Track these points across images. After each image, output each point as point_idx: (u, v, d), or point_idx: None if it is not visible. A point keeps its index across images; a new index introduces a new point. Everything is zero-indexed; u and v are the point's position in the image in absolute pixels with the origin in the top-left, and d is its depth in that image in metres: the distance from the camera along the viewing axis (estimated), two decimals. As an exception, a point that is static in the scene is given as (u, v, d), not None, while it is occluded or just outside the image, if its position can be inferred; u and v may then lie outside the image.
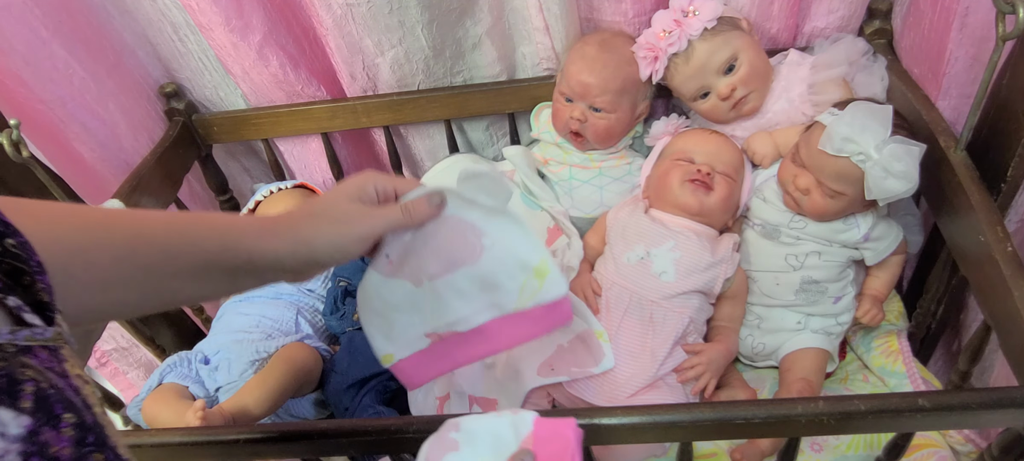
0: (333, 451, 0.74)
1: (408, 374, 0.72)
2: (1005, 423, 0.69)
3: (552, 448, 0.56)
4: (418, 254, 0.67)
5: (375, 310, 0.70)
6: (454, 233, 0.67)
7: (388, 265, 0.68)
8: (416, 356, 0.71)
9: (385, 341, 0.71)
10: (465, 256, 0.67)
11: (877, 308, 1.00)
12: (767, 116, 1.04)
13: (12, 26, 0.97)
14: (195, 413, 0.88)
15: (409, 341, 0.71)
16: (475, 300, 0.69)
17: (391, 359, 0.71)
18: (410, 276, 0.68)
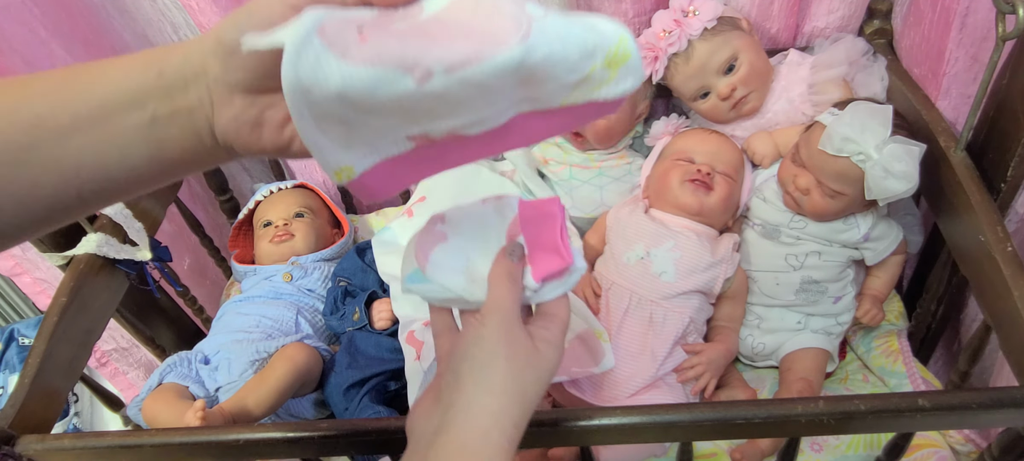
0: (333, 451, 0.74)
1: (371, 186, 0.46)
2: (1005, 423, 0.69)
3: (540, 228, 0.54)
4: (417, 30, 0.41)
5: (329, 113, 0.41)
6: (484, 5, 0.42)
7: (359, 42, 0.40)
8: (388, 163, 0.45)
9: (341, 150, 0.44)
10: (500, 34, 0.41)
11: (877, 308, 1.00)
12: (767, 116, 1.04)
13: (12, 26, 0.97)
14: (195, 413, 0.88)
15: (379, 146, 0.44)
16: (506, 97, 0.43)
17: (349, 173, 0.45)
18: (400, 64, 0.40)
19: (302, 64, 0.38)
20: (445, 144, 0.45)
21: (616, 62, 0.44)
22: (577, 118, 0.46)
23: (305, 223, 1.23)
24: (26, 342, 1.67)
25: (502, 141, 0.46)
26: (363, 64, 0.39)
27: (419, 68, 0.39)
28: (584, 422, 0.66)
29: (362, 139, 0.44)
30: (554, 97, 0.44)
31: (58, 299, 0.90)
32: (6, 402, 0.81)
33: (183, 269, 1.30)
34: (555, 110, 0.45)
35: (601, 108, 0.46)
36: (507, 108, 0.44)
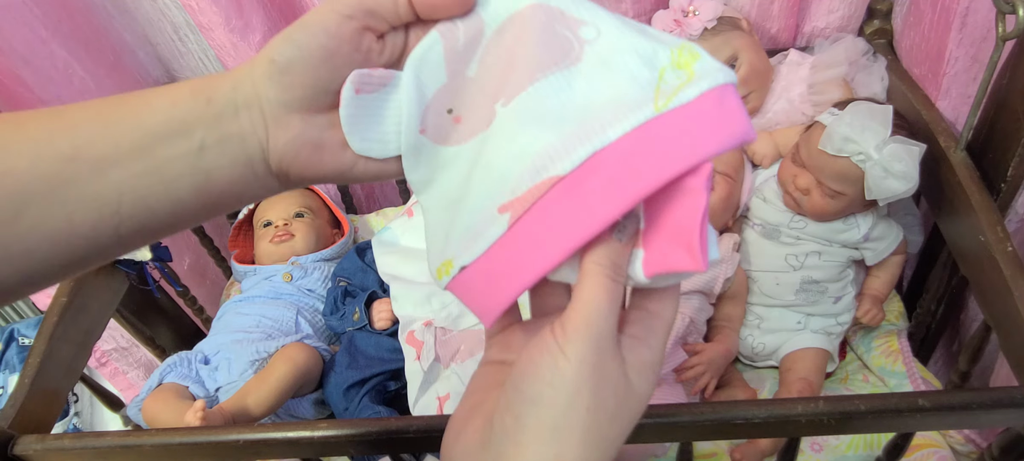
0: (333, 451, 0.74)
1: (480, 288, 0.38)
2: (1005, 423, 0.69)
3: (671, 202, 0.36)
4: (492, 79, 0.40)
5: (446, 204, 0.41)
6: (532, 26, 0.39)
7: (456, 124, 0.41)
8: (490, 254, 0.38)
9: (444, 243, 0.40)
10: (553, 55, 0.39)
11: (877, 308, 1.00)
12: (767, 116, 1.04)
13: (12, 26, 0.97)
14: (195, 413, 0.88)
15: (476, 229, 0.39)
16: (574, 114, 0.38)
17: (449, 268, 0.39)
18: (474, 120, 0.40)
19: (420, 166, 0.41)
20: (542, 208, 0.37)
21: (685, 62, 0.38)
22: (692, 137, 0.35)
23: (305, 223, 1.23)
24: (26, 342, 1.67)
25: (612, 190, 0.35)
26: (463, 141, 0.41)
27: (483, 115, 0.40)
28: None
29: (463, 222, 0.40)
30: (636, 110, 0.37)
31: (58, 299, 0.90)
32: (6, 402, 0.81)
33: (183, 269, 1.30)
34: (649, 126, 0.36)
35: (712, 107, 0.36)
36: (588, 129, 0.37)
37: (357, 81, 0.39)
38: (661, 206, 0.35)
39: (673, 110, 0.36)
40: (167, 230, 0.41)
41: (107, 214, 0.38)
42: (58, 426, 1.49)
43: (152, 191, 0.39)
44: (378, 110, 0.40)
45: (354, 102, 0.39)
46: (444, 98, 0.41)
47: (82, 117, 0.39)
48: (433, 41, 0.40)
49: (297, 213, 1.23)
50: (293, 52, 0.38)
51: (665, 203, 0.35)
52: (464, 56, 0.40)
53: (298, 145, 0.40)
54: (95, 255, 0.39)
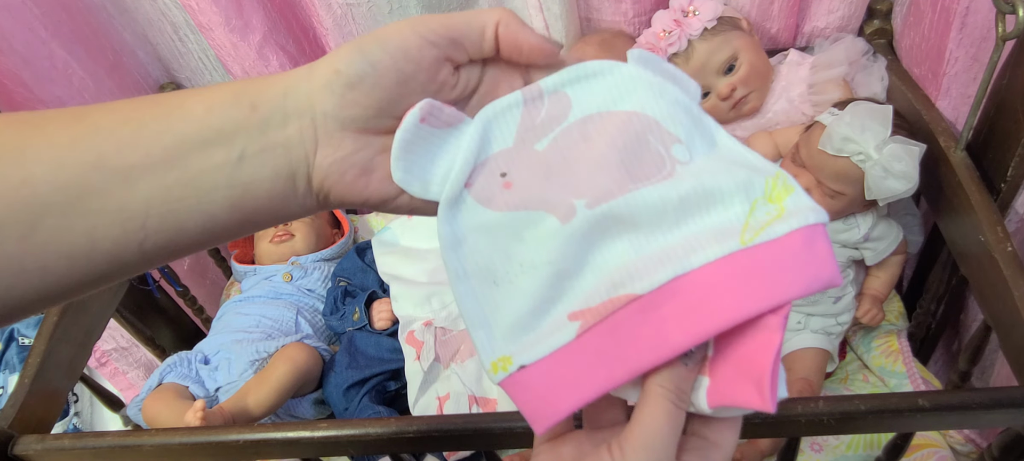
0: (333, 451, 0.74)
1: (537, 392, 0.36)
2: (1005, 423, 0.69)
3: (744, 334, 0.35)
4: (562, 163, 0.38)
5: (481, 275, 0.38)
6: (625, 132, 0.38)
7: (505, 190, 0.38)
8: (553, 358, 0.36)
9: (494, 333, 0.38)
10: (646, 169, 0.37)
11: (877, 308, 1.00)
12: (767, 116, 1.04)
13: (12, 26, 0.97)
14: (195, 413, 0.88)
15: (540, 329, 0.37)
16: (661, 235, 0.36)
17: (507, 365, 0.37)
18: (545, 205, 0.37)
19: (456, 220, 0.38)
20: (613, 324, 0.36)
21: (778, 195, 0.36)
22: (777, 275, 0.34)
23: (305, 223, 1.23)
24: (26, 342, 1.66)
25: (688, 321, 0.34)
26: (507, 209, 0.37)
27: (562, 205, 0.36)
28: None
29: (519, 315, 0.37)
30: (724, 238, 0.35)
31: (58, 299, 0.90)
32: (6, 402, 0.81)
33: (183, 269, 1.30)
34: (734, 257, 0.35)
35: (800, 247, 0.35)
36: (672, 253, 0.35)
37: (426, 110, 0.37)
38: (734, 338, 0.34)
39: (760, 245, 0.35)
40: (194, 247, 0.37)
41: (132, 229, 0.34)
42: (58, 426, 1.49)
43: (183, 204, 0.35)
44: (434, 148, 0.38)
45: (415, 129, 0.37)
46: (502, 161, 0.39)
47: (109, 121, 0.35)
48: (514, 102, 0.39)
49: (297, 213, 1.24)
50: (365, 68, 0.35)
51: (738, 335, 0.34)
52: (540, 129, 0.39)
53: (346, 166, 0.37)
54: (116, 272, 0.36)
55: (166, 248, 0.36)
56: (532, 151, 0.38)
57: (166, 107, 0.36)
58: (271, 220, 0.38)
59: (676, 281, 0.35)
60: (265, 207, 0.37)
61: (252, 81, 0.37)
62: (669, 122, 0.38)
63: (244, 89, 0.36)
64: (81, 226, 0.33)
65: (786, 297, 0.33)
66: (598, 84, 0.39)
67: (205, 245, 0.38)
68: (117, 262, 0.35)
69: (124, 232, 0.34)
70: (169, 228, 0.35)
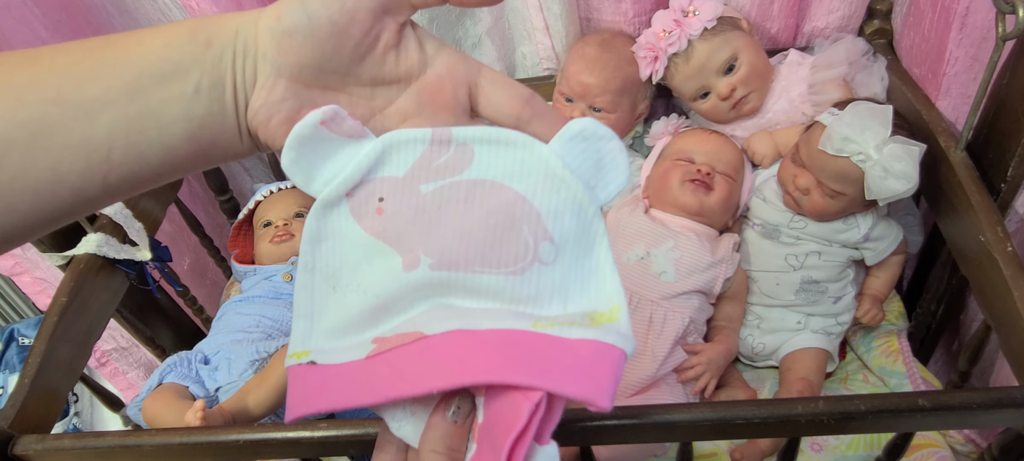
0: (333, 451, 0.74)
1: (307, 388, 0.40)
2: (1005, 423, 0.69)
3: (505, 405, 0.36)
4: (434, 213, 0.39)
5: (325, 276, 0.41)
6: (504, 212, 0.39)
7: (376, 214, 0.40)
8: (342, 367, 0.39)
9: (309, 327, 0.41)
10: (503, 256, 0.39)
11: (877, 308, 1.00)
12: (767, 116, 1.04)
13: (12, 26, 0.97)
14: (195, 413, 0.88)
15: (344, 341, 0.41)
16: (482, 305, 0.39)
17: (303, 357, 0.41)
18: (400, 245, 0.39)
19: (326, 219, 0.40)
20: (399, 354, 0.38)
21: (600, 319, 0.38)
22: (533, 360, 0.35)
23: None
24: (26, 342, 1.67)
25: (455, 367, 0.36)
26: (370, 233, 0.39)
27: (412, 254, 0.39)
28: (584, 422, 0.66)
29: (335, 323, 0.41)
30: (518, 320, 0.38)
31: (58, 299, 0.90)
32: (6, 402, 0.81)
33: (183, 269, 1.30)
34: (523, 334, 0.37)
35: (591, 356, 0.35)
36: (479, 316, 0.38)
37: (329, 115, 0.38)
38: (495, 409, 0.35)
39: (547, 335, 0.36)
40: (155, 180, 0.38)
41: (96, 161, 0.35)
42: (58, 426, 1.49)
43: (145, 136, 0.36)
44: (327, 150, 0.39)
45: (313, 128, 0.38)
46: (386, 187, 0.40)
47: (67, 59, 0.35)
48: (421, 138, 0.39)
49: (297, 213, 1.23)
50: (301, 18, 0.36)
51: (498, 407, 0.35)
52: (433, 173, 0.39)
53: (273, 110, 0.38)
54: (81, 207, 0.37)
55: (129, 180, 0.37)
56: (416, 190, 0.39)
57: (124, 45, 0.36)
58: (225, 155, 0.40)
59: (458, 332, 0.37)
60: (219, 140, 0.38)
61: (208, 18, 0.38)
62: (551, 220, 0.39)
63: (200, 25, 0.37)
64: (45, 161, 0.34)
65: (543, 385, 0.33)
66: (505, 154, 0.39)
67: (165, 177, 0.39)
68: (82, 196, 0.36)
69: (88, 165, 0.35)
70: (132, 160, 0.36)
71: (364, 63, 0.38)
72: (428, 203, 0.39)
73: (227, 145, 0.39)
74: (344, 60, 0.37)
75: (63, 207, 0.36)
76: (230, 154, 0.40)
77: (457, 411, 0.36)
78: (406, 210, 0.39)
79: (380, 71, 0.39)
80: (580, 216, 0.39)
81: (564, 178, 0.39)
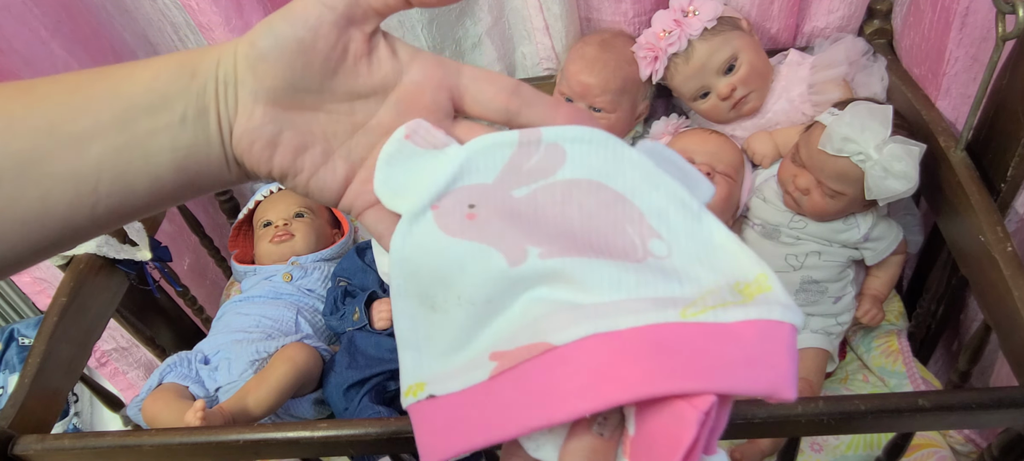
0: (333, 451, 0.74)
1: (437, 425, 0.35)
2: (1005, 423, 0.69)
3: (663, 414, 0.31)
4: (532, 215, 0.36)
5: (421, 297, 0.38)
6: (606, 212, 0.36)
7: (467, 220, 0.37)
8: (465, 394, 0.35)
9: (423, 357, 0.37)
10: (611, 246, 0.35)
11: (877, 308, 1.00)
12: (767, 116, 1.04)
13: (12, 26, 0.97)
14: (195, 413, 0.88)
15: (461, 363, 0.36)
16: (611, 298, 0.33)
17: (419, 391, 0.36)
18: (501, 243, 0.36)
19: (411, 235, 0.37)
20: (524, 371, 0.33)
21: (750, 291, 0.33)
22: (696, 357, 0.30)
23: (305, 223, 1.23)
24: (26, 342, 1.67)
25: (589, 376, 0.31)
26: (462, 238, 0.36)
27: (516, 249, 0.35)
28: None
29: (443, 345, 0.37)
30: (666, 304, 0.32)
31: (58, 299, 0.90)
32: (6, 402, 0.81)
33: (183, 269, 1.30)
34: (667, 327, 0.31)
35: (757, 337, 0.30)
36: (596, 314, 0.33)
37: (412, 128, 0.38)
38: (653, 420, 0.30)
39: (701, 323, 0.31)
40: (143, 211, 0.39)
41: (85, 192, 0.36)
42: (58, 426, 1.49)
43: (132, 167, 0.36)
44: (414, 165, 0.38)
45: (399, 144, 0.38)
46: (475, 193, 0.37)
47: (57, 90, 0.36)
48: (509, 141, 0.37)
49: (297, 213, 1.23)
50: (270, 41, 0.37)
51: (656, 418, 0.30)
52: (525, 176, 0.37)
53: (255, 136, 0.38)
54: (68, 238, 0.37)
55: (117, 211, 0.37)
56: (508, 195, 0.37)
57: (115, 77, 0.37)
58: (213, 184, 0.40)
59: (594, 338, 0.31)
60: (205, 169, 0.39)
61: (193, 50, 0.39)
62: (655, 217, 0.35)
63: (187, 57, 0.38)
64: (34, 192, 0.34)
65: (707, 387, 0.29)
66: (597, 152, 0.37)
67: (153, 207, 0.39)
68: (69, 226, 0.36)
69: (77, 195, 0.35)
70: (119, 190, 0.37)
71: (337, 77, 0.38)
72: (523, 206, 0.36)
73: (214, 174, 0.39)
74: (315, 77, 0.37)
75: (51, 238, 0.36)
76: (218, 182, 0.40)
77: (603, 423, 0.32)
78: (501, 215, 0.36)
79: (354, 84, 0.39)
80: (686, 212, 0.35)
81: (659, 177, 0.35)
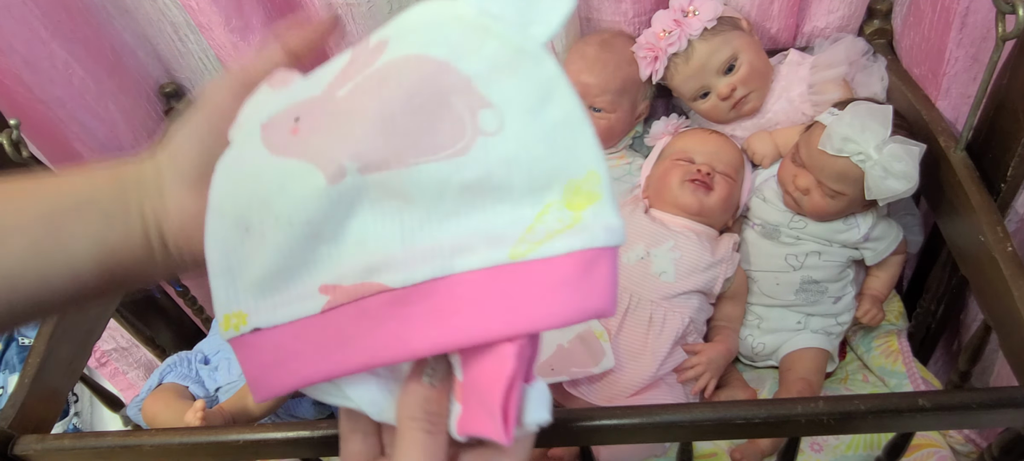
0: (333, 451, 0.74)
1: (266, 359, 0.36)
2: (1005, 423, 0.69)
3: (484, 360, 0.32)
4: (350, 112, 0.34)
5: (235, 218, 0.35)
6: (428, 86, 0.32)
7: (291, 134, 0.35)
8: (295, 325, 0.35)
9: (237, 284, 0.36)
10: (438, 138, 0.32)
11: (877, 308, 1.00)
12: (767, 116, 1.04)
13: (12, 26, 0.97)
14: (195, 413, 0.88)
15: (284, 293, 0.35)
16: (433, 225, 0.33)
17: (241, 323, 0.36)
18: (319, 158, 0.33)
19: (236, 153, 0.36)
20: (361, 311, 0.33)
21: (579, 201, 0.32)
22: (538, 297, 0.31)
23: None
24: (26, 342, 1.66)
25: (430, 329, 0.32)
26: (281, 154, 0.34)
27: (333, 164, 0.32)
28: (584, 422, 0.66)
29: (264, 272, 0.35)
30: (497, 244, 0.32)
31: (58, 299, 0.90)
32: (6, 402, 0.81)
33: (183, 269, 1.30)
34: (500, 269, 0.32)
35: (576, 272, 0.31)
36: (444, 248, 0.32)
37: (274, 76, 0.38)
38: (477, 362, 0.32)
39: (528, 262, 0.31)
40: (60, 307, 0.40)
41: (2, 288, 0.37)
42: (58, 426, 1.49)
43: (54, 262, 0.37)
44: (266, 98, 0.38)
45: (261, 91, 0.38)
46: (304, 107, 0.35)
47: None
48: (344, 56, 0.36)
49: (297, 213, 1.23)
50: (182, 127, 0.39)
51: (480, 360, 0.32)
52: (349, 74, 0.35)
53: (186, 218, 0.39)
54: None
55: (36, 306, 0.38)
56: (332, 98, 0.35)
57: (50, 180, 0.40)
58: (138, 281, 0.41)
59: (433, 283, 0.32)
60: (131, 269, 0.40)
61: (126, 159, 0.42)
62: (483, 82, 0.32)
63: (119, 164, 0.41)
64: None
65: (535, 327, 0.31)
66: (420, 26, 0.34)
67: (72, 306, 0.41)
68: None
69: None
70: (38, 286, 0.38)
71: None
72: (343, 106, 0.34)
73: (139, 270, 0.40)
74: None
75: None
76: (142, 277, 0.41)
77: (432, 373, 0.33)
78: (322, 120, 0.34)
79: None
80: (520, 65, 0.32)
81: (487, 27, 0.32)
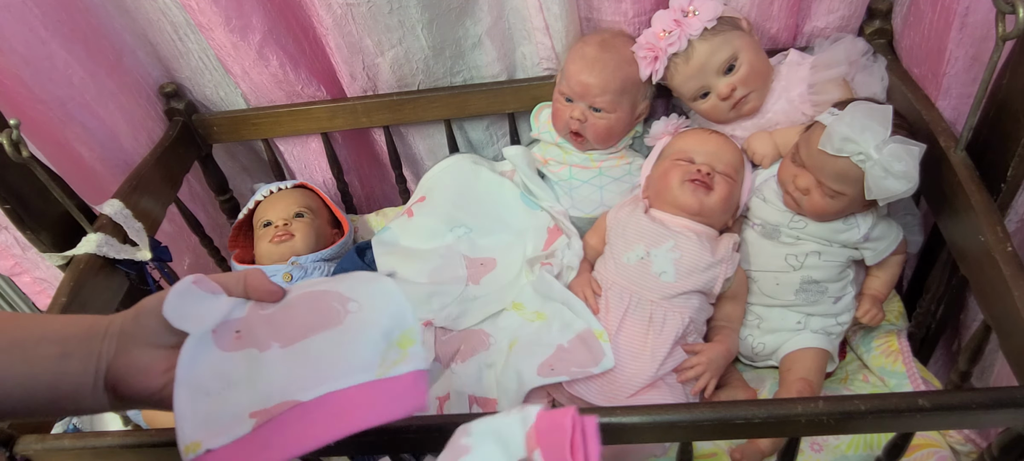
0: (333, 451, 0.74)
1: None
2: (1005, 423, 0.69)
3: (553, 439, 0.52)
4: (271, 323, 0.61)
5: (202, 387, 0.58)
6: (318, 298, 0.63)
7: (234, 339, 0.60)
8: (233, 446, 0.56)
9: (198, 424, 0.57)
10: (324, 319, 0.61)
11: (877, 308, 1.00)
12: (767, 116, 1.04)
13: (12, 26, 0.97)
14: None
15: (226, 424, 0.57)
16: (325, 365, 0.59)
17: (197, 448, 0.56)
18: (255, 344, 0.60)
19: (196, 348, 0.58)
20: (280, 422, 0.57)
21: (406, 343, 0.61)
22: (389, 401, 0.59)
23: (305, 223, 1.23)
24: (26, 342, 1.66)
25: (327, 424, 0.57)
26: (231, 350, 0.60)
27: (264, 343, 0.60)
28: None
29: (218, 417, 0.57)
30: (362, 372, 0.59)
31: (58, 299, 0.90)
32: (6, 402, 0.81)
33: (183, 269, 1.30)
34: (363, 386, 0.59)
35: (406, 388, 0.59)
36: (327, 376, 0.59)
37: (201, 282, 0.61)
38: (552, 442, 0.53)
39: (388, 378, 0.59)
40: (10, 414, 0.54)
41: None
42: (58, 426, 1.48)
43: (13, 378, 0.51)
44: (198, 301, 0.60)
45: (187, 286, 0.59)
46: (239, 324, 0.62)
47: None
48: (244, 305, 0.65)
49: (297, 213, 1.23)
50: (151, 302, 0.58)
51: (552, 439, 0.53)
52: (267, 306, 0.64)
53: (130, 366, 0.55)
54: None
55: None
56: (259, 315, 0.63)
57: (33, 319, 0.56)
58: (74, 409, 0.57)
59: (330, 396, 0.58)
60: (74, 394, 0.54)
61: (98, 316, 0.58)
62: (348, 292, 0.64)
63: (94, 316, 0.57)
64: None
65: (390, 418, 0.58)
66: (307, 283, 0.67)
67: (20, 413, 0.54)
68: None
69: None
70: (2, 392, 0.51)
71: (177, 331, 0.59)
72: (268, 318, 0.63)
73: (82, 401, 0.55)
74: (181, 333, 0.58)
75: None
76: (83, 407, 0.55)
77: None
78: (257, 329, 0.61)
79: None
80: (366, 283, 0.66)
81: (351, 274, 0.69)
